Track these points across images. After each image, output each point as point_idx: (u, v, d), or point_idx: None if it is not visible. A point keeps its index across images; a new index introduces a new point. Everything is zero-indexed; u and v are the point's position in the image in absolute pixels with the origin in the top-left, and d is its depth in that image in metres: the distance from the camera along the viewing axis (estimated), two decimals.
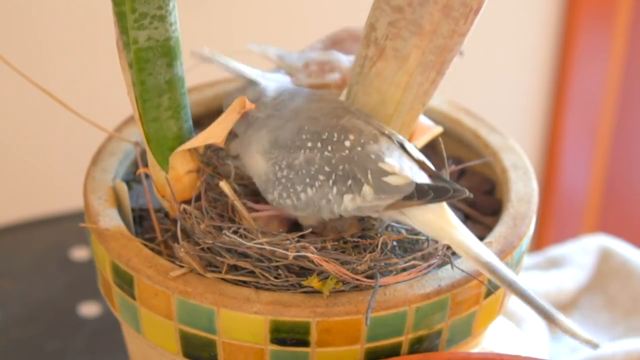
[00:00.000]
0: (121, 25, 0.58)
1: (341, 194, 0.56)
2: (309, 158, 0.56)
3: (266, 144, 0.57)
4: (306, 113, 0.57)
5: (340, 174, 0.56)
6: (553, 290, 0.84)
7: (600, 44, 1.34)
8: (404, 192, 0.55)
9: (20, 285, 0.89)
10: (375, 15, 0.58)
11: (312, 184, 0.56)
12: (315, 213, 0.57)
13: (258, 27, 1.16)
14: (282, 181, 0.57)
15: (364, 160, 0.56)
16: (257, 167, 0.58)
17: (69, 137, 1.10)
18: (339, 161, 0.56)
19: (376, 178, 0.55)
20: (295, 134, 0.57)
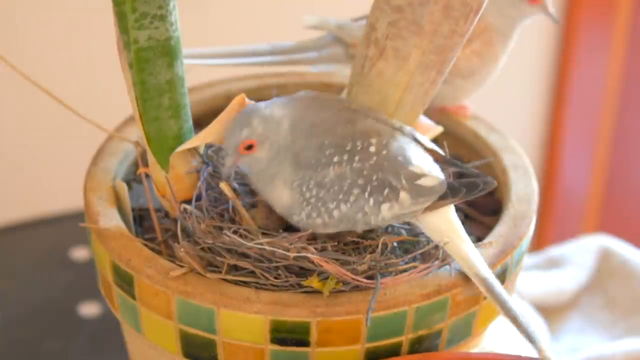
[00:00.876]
0: (121, 25, 0.58)
1: (378, 205, 0.55)
2: (339, 173, 0.55)
3: (289, 169, 0.55)
4: (320, 126, 0.56)
5: (375, 184, 0.55)
6: (553, 290, 0.84)
7: (600, 44, 1.34)
8: (438, 192, 0.56)
9: (20, 285, 0.89)
10: (376, 15, 0.58)
11: (346, 199, 0.55)
12: (348, 228, 0.56)
13: (258, 27, 1.16)
14: (310, 201, 0.55)
15: (394, 165, 0.55)
16: (282, 196, 0.56)
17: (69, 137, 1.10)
18: (370, 171, 0.55)
19: (410, 182, 0.55)
20: (318, 151, 0.55)
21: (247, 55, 0.67)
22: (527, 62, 1.35)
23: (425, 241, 0.58)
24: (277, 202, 0.56)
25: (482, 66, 0.67)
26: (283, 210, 0.57)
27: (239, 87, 0.71)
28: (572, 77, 1.36)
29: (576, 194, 1.45)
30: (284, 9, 1.16)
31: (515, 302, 0.56)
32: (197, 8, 1.12)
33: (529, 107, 1.39)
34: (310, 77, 0.72)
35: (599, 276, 0.86)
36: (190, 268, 0.56)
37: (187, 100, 0.60)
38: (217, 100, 0.70)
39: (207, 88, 0.71)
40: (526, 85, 1.37)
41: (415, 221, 0.57)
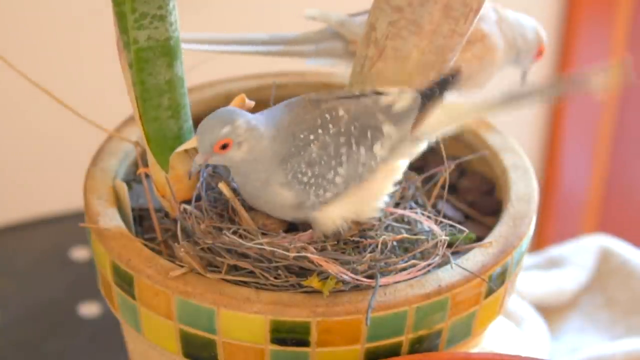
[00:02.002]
0: (121, 25, 0.58)
1: (370, 149, 0.56)
2: (320, 145, 0.56)
3: (278, 171, 0.56)
4: (292, 124, 0.56)
5: (356, 134, 0.56)
6: (553, 290, 0.84)
7: (601, 44, 1.34)
8: (415, 108, 0.56)
9: (20, 285, 0.89)
10: (375, 15, 0.58)
11: (339, 162, 0.56)
12: (357, 184, 0.56)
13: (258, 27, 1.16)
14: (311, 182, 0.56)
15: (366, 110, 0.56)
16: (287, 198, 0.56)
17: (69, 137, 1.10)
18: (347, 126, 0.56)
19: (387, 113, 0.56)
20: (293, 140, 0.56)
21: (244, 43, 0.67)
22: None
23: (425, 239, 0.58)
24: (283, 204, 0.56)
25: (481, 70, 0.67)
26: (293, 208, 0.57)
27: (239, 87, 0.71)
28: None
29: (576, 194, 1.45)
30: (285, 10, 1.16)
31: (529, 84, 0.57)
32: (197, 8, 1.12)
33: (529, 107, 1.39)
34: (310, 77, 0.72)
35: (599, 276, 0.86)
36: (190, 268, 0.56)
37: (187, 100, 0.60)
38: (217, 100, 0.70)
39: (207, 88, 0.71)
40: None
41: (418, 135, 0.57)
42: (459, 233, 0.60)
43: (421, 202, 0.62)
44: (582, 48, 1.33)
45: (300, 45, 0.67)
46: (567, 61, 1.34)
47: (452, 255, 0.58)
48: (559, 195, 1.43)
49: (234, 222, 0.59)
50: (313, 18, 0.67)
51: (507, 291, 0.61)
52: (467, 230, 0.60)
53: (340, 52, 0.67)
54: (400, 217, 0.60)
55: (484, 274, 0.58)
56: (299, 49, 0.68)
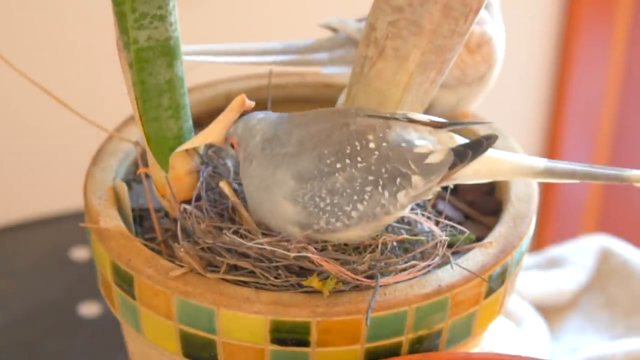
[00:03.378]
0: (121, 25, 0.58)
1: (394, 195, 0.56)
2: (347, 177, 0.55)
3: (291, 183, 0.55)
4: (314, 138, 0.56)
5: (386, 177, 0.55)
6: (553, 290, 0.84)
7: (600, 44, 1.34)
8: (447, 163, 0.56)
9: (20, 285, 0.89)
10: (375, 15, 0.58)
11: (361, 199, 0.55)
12: (369, 222, 0.56)
13: (259, 28, 1.16)
14: (327, 209, 0.55)
15: (399, 153, 0.56)
16: (287, 210, 0.56)
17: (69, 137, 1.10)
18: (377, 165, 0.55)
19: (419, 164, 0.56)
20: (319, 162, 0.55)
21: (258, 53, 0.67)
22: (527, 62, 1.35)
23: (425, 240, 0.58)
24: (283, 217, 0.56)
25: (488, 72, 0.67)
26: (294, 225, 0.56)
27: (239, 87, 0.71)
28: (572, 77, 1.36)
29: (576, 194, 1.45)
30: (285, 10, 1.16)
31: (584, 166, 0.57)
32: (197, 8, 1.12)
33: (529, 107, 1.39)
34: (310, 77, 0.72)
35: (599, 276, 0.86)
36: (190, 268, 0.56)
37: (187, 100, 0.60)
38: (217, 100, 0.70)
39: (207, 88, 0.71)
40: (526, 85, 1.37)
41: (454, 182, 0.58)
42: (459, 233, 0.60)
43: (421, 202, 0.62)
44: (582, 48, 1.33)
45: (315, 54, 0.67)
46: (567, 61, 1.34)
47: (452, 255, 0.58)
48: (559, 195, 1.43)
49: (234, 222, 0.59)
50: (329, 27, 0.67)
51: (507, 291, 0.61)
52: (467, 230, 0.60)
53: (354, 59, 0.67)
54: (401, 218, 0.60)
55: (484, 274, 0.58)
56: (313, 58, 0.67)
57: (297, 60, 0.67)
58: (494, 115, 0.75)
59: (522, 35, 1.30)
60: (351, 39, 0.67)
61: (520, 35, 1.30)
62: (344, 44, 0.67)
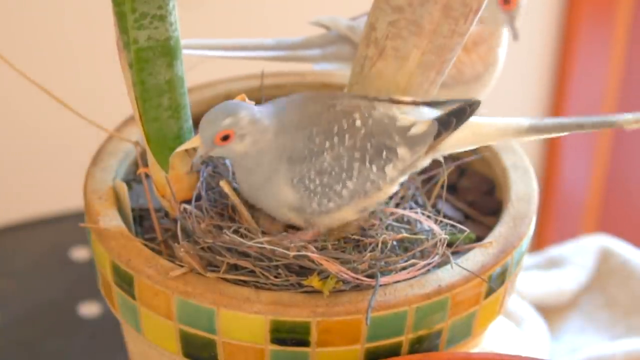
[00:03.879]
0: (121, 25, 0.58)
1: (382, 168, 0.56)
2: (334, 155, 0.56)
3: (284, 167, 0.56)
4: (306, 119, 0.56)
5: (372, 152, 0.56)
6: (553, 290, 0.84)
7: (600, 44, 1.34)
8: (432, 133, 0.56)
9: (20, 285, 0.89)
10: (375, 15, 0.58)
11: (350, 175, 0.56)
12: (362, 199, 0.56)
13: (259, 28, 1.16)
14: (317, 190, 0.56)
15: (383, 127, 0.56)
16: (288, 196, 0.56)
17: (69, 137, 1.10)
18: (363, 141, 0.56)
19: (403, 136, 0.56)
20: (309, 142, 0.56)
21: (251, 48, 0.67)
22: (527, 61, 1.35)
23: (425, 239, 0.58)
24: (283, 204, 0.56)
25: (485, 71, 0.67)
26: (291, 210, 0.56)
27: (239, 87, 0.71)
28: (572, 77, 1.36)
29: (576, 194, 1.45)
30: (285, 10, 1.16)
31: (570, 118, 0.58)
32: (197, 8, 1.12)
33: (529, 107, 1.39)
34: (310, 77, 0.72)
35: (599, 276, 0.86)
36: (190, 268, 0.56)
37: (187, 100, 0.60)
38: (217, 100, 0.70)
39: (207, 88, 0.71)
40: (526, 85, 1.37)
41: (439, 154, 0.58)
42: (459, 233, 0.60)
43: (421, 202, 0.62)
44: (582, 48, 1.33)
45: (307, 50, 0.67)
46: (567, 61, 1.34)
47: (452, 255, 0.58)
48: (559, 195, 1.43)
49: (234, 221, 0.59)
50: (321, 25, 0.67)
51: (507, 291, 0.61)
52: (467, 230, 0.60)
53: (349, 56, 0.67)
54: (401, 217, 0.60)
55: (484, 274, 0.58)
56: (305, 54, 0.67)
57: (289, 56, 0.67)
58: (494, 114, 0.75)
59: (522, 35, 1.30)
60: (342, 36, 0.67)
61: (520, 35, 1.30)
62: (336, 41, 0.67)
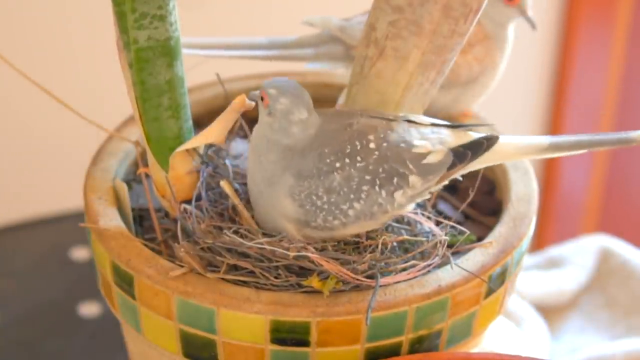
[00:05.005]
0: (121, 25, 0.58)
1: (391, 194, 0.56)
2: (345, 176, 0.56)
3: (291, 181, 0.56)
4: (319, 139, 0.56)
5: (383, 176, 0.56)
6: (553, 290, 0.84)
7: (600, 44, 1.34)
8: (446, 164, 0.56)
9: (20, 285, 0.89)
10: (375, 15, 0.58)
11: (358, 198, 0.56)
12: (366, 220, 0.56)
13: (258, 28, 1.16)
14: (324, 207, 0.56)
15: (398, 153, 0.56)
16: (286, 207, 0.56)
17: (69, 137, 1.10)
18: (376, 165, 0.56)
19: (417, 164, 0.56)
20: (318, 161, 0.56)
21: (244, 47, 0.67)
22: (527, 62, 1.35)
23: (425, 240, 0.58)
24: (281, 214, 0.56)
25: (481, 73, 0.67)
26: (290, 221, 0.56)
27: (239, 87, 0.71)
28: (572, 77, 1.36)
29: (576, 194, 1.45)
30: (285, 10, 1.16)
31: (586, 136, 0.58)
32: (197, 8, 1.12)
33: (529, 107, 1.39)
34: (311, 77, 0.72)
35: (599, 276, 0.86)
36: (190, 268, 0.56)
37: (187, 100, 0.60)
38: (217, 100, 0.70)
39: (207, 88, 0.71)
40: (526, 85, 1.37)
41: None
42: (459, 234, 0.60)
43: (421, 202, 0.62)
44: (582, 48, 1.33)
45: (300, 49, 0.67)
46: (567, 61, 1.35)
47: (452, 255, 0.58)
48: (559, 196, 1.43)
49: (234, 222, 0.59)
50: (312, 24, 0.67)
51: (507, 291, 0.61)
52: (467, 231, 0.60)
53: (341, 56, 0.67)
54: (401, 218, 0.60)
55: (484, 274, 0.58)
56: (298, 53, 0.68)
57: (282, 56, 0.68)
58: (494, 115, 0.75)
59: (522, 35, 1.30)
60: (333, 36, 0.67)
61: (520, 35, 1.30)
62: (328, 41, 0.67)
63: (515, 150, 0.58)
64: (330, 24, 0.67)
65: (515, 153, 0.58)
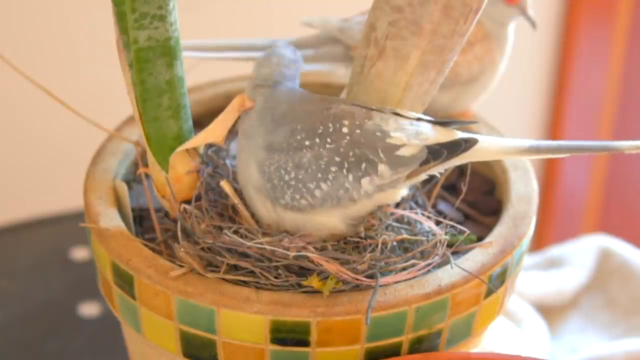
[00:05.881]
0: (121, 25, 0.58)
1: (358, 179, 0.56)
2: (314, 154, 0.56)
3: (262, 153, 0.57)
4: (293, 116, 0.57)
5: (352, 160, 0.56)
6: (553, 290, 0.84)
7: (600, 44, 1.34)
8: (419, 159, 0.56)
9: (20, 285, 0.89)
10: (376, 15, 0.58)
11: (325, 178, 0.56)
12: (334, 206, 0.56)
13: (258, 28, 1.16)
14: (291, 183, 0.56)
15: (371, 140, 0.56)
16: (252, 176, 0.57)
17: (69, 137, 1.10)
18: (346, 148, 0.56)
19: (389, 154, 0.56)
20: (290, 136, 0.56)
21: (242, 49, 0.67)
22: (528, 62, 1.35)
23: (425, 240, 0.58)
24: (249, 181, 0.57)
25: (481, 72, 0.67)
26: (258, 192, 0.57)
27: (239, 87, 0.71)
28: (572, 77, 1.36)
29: (576, 194, 1.45)
30: (284, 10, 1.16)
31: (571, 142, 0.57)
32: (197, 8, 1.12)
33: (529, 107, 1.39)
34: (310, 76, 0.72)
35: (599, 276, 0.86)
36: (190, 268, 0.56)
37: (187, 100, 0.60)
38: (217, 100, 0.70)
39: (207, 88, 0.71)
40: (526, 85, 1.37)
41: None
42: (459, 233, 0.60)
43: (421, 202, 0.62)
44: (582, 48, 1.33)
45: (300, 50, 0.67)
46: (567, 61, 1.35)
47: (452, 255, 0.58)
48: (559, 195, 1.43)
49: (234, 222, 0.59)
50: (311, 25, 0.67)
51: (507, 291, 0.61)
52: (467, 230, 0.60)
53: (340, 57, 0.67)
54: (401, 217, 0.60)
55: (484, 274, 0.58)
56: None
57: None
58: (494, 115, 0.75)
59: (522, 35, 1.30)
60: (332, 37, 0.67)
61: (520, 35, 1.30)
62: (327, 42, 0.67)
63: (495, 151, 0.57)
64: (329, 24, 0.67)
65: (495, 153, 0.57)
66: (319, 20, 0.67)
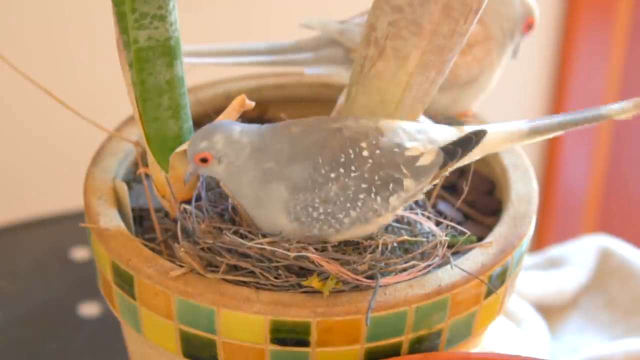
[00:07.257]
0: (121, 25, 0.58)
1: (386, 199, 0.56)
2: (341, 186, 0.55)
3: (285, 194, 0.55)
4: (309, 149, 0.56)
5: (379, 184, 0.56)
6: (553, 290, 0.84)
7: (600, 44, 1.34)
8: (438, 164, 0.57)
9: (20, 285, 0.89)
10: (376, 15, 0.58)
11: (354, 206, 0.56)
12: (361, 225, 0.56)
13: (258, 27, 1.16)
14: (320, 218, 0.55)
15: (392, 157, 0.56)
16: (281, 223, 0.56)
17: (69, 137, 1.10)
18: (371, 173, 0.55)
19: (410, 167, 0.56)
20: (313, 171, 0.55)
21: (243, 53, 0.67)
22: (528, 62, 1.35)
23: (425, 240, 0.58)
24: (278, 227, 0.56)
25: (480, 74, 0.67)
26: (288, 232, 0.56)
27: (239, 87, 0.71)
28: (572, 77, 1.36)
29: (576, 194, 1.45)
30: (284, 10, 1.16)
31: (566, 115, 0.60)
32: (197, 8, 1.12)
33: (529, 107, 1.39)
34: (309, 77, 0.72)
35: (599, 276, 0.86)
36: (190, 268, 0.56)
37: (187, 100, 0.60)
38: (217, 100, 0.70)
39: (207, 88, 0.71)
40: (526, 85, 1.37)
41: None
42: (460, 234, 0.60)
43: (421, 202, 0.62)
44: (582, 48, 1.33)
45: (298, 53, 0.67)
46: (567, 61, 1.35)
47: (452, 255, 0.58)
48: (559, 195, 1.43)
49: (234, 222, 0.59)
50: (311, 27, 0.67)
51: (507, 291, 0.61)
52: (467, 231, 0.60)
53: (341, 60, 0.67)
54: (401, 218, 0.60)
55: (484, 274, 0.58)
56: (296, 57, 0.67)
57: (281, 61, 0.67)
58: (494, 115, 0.75)
59: None
60: (332, 40, 0.67)
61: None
62: (327, 45, 0.67)
63: (502, 140, 0.58)
64: (329, 27, 0.67)
65: (501, 142, 0.58)
66: (318, 22, 0.67)
